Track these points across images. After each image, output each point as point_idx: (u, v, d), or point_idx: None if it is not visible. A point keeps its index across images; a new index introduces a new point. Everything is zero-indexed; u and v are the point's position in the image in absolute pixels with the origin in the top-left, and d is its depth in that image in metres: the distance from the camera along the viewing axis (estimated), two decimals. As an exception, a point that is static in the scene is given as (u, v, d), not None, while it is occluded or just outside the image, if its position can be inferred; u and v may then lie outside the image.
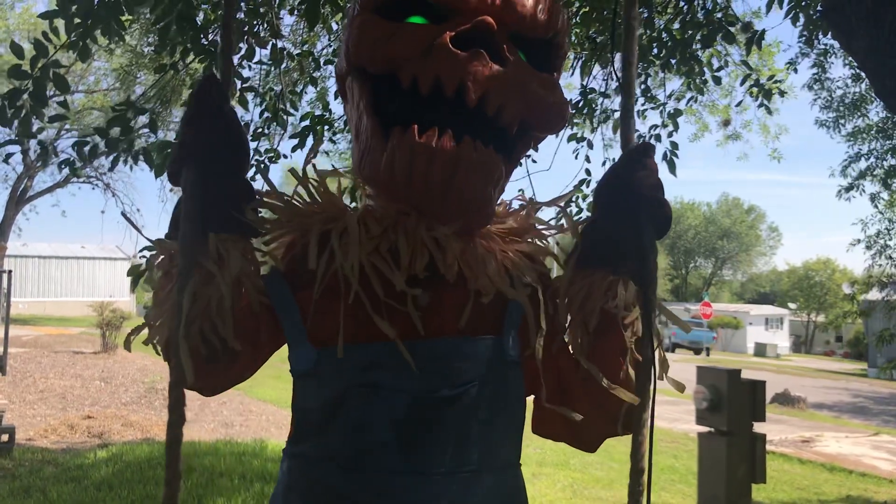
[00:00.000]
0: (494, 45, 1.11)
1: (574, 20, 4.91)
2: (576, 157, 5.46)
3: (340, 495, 1.11)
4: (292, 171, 1.26)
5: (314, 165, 1.29)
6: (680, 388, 1.16)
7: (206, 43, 3.60)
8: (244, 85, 4.02)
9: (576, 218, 1.36)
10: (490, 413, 1.14)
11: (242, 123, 4.37)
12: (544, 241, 1.32)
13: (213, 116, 1.13)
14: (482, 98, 1.09)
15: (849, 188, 12.24)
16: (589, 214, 1.25)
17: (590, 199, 4.99)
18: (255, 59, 4.18)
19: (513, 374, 1.18)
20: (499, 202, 1.30)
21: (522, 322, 1.20)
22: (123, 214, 1.40)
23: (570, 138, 5.37)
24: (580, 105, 5.32)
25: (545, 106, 1.18)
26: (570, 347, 1.19)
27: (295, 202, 1.23)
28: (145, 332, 1.18)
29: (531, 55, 1.20)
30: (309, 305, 1.15)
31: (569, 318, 1.18)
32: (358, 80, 1.19)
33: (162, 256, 1.18)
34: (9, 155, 3.69)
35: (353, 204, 1.36)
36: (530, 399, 1.25)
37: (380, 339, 1.10)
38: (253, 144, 4.39)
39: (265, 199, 1.21)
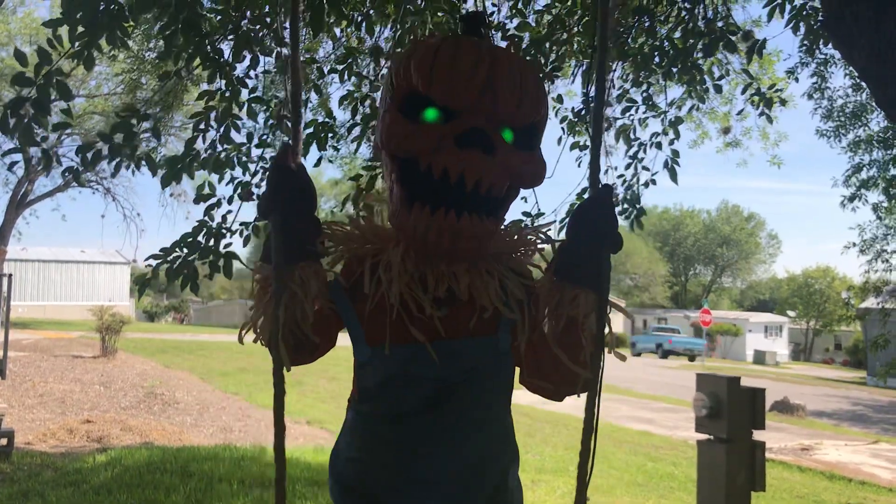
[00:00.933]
0: (486, 139, 1.56)
1: (576, 29, 4.93)
2: (578, 165, 5.48)
3: (386, 436, 1.67)
4: (353, 214, 1.77)
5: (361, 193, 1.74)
6: (621, 357, 1.75)
7: (209, 50, 3.62)
8: (252, 96, 4.03)
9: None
10: (488, 386, 1.69)
11: (247, 133, 4.43)
12: (533, 252, 1.82)
13: (290, 176, 1.54)
14: (476, 183, 1.55)
15: (852, 198, 12.27)
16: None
17: None
18: (260, 68, 4.20)
19: (505, 360, 1.71)
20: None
21: (513, 325, 1.69)
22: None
23: (572, 147, 5.39)
24: (582, 113, 5.34)
25: (526, 176, 1.69)
26: (546, 337, 1.61)
27: (348, 231, 1.74)
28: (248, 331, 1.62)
29: (518, 136, 1.64)
30: (365, 314, 1.64)
31: (546, 317, 1.62)
32: (390, 161, 1.65)
33: (259, 276, 1.61)
34: (13, 163, 3.69)
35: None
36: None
37: (413, 342, 1.60)
38: (258, 152, 4.42)
39: (328, 231, 1.71)
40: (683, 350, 35.16)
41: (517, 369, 1.78)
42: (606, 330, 1.59)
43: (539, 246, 1.83)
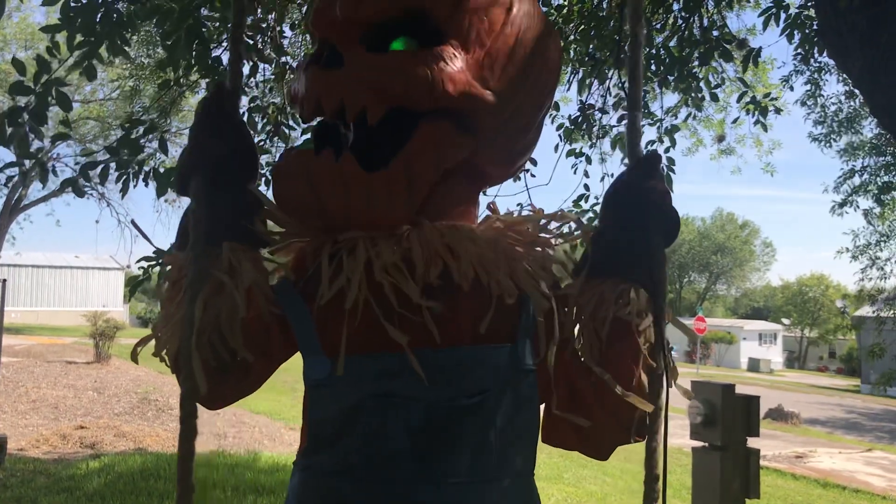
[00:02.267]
0: (335, 54, 1.15)
1: (573, 37, 4.95)
2: (574, 172, 5.48)
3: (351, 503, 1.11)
4: None
5: None
6: (688, 395, 1.22)
7: (211, 60, 3.62)
8: (251, 105, 4.03)
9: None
10: (506, 421, 1.14)
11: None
12: (554, 249, 1.31)
13: (222, 126, 1.15)
14: (339, 109, 1.12)
15: (842, 204, 12.32)
16: (595, 224, 1.27)
17: (589, 214, 5.00)
18: (259, 76, 4.20)
19: (528, 383, 1.18)
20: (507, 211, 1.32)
21: (535, 330, 1.19)
22: (133, 223, 1.39)
23: (568, 154, 5.40)
24: (579, 120, 5.35)
25: (409, 84, 1.11)
26: (581, 355, 1.19)
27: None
28: (152, 343, 1.19)
29: (424, 38, 1.17)
30: (322, 315, 1.15)
31: (579, 326, 1.19)
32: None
33: (170, 267, 1.18)
34: (10, 178, 3.68)
35: None
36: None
37: (395, 349, 1.09)
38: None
39: (273, 211, 1.21)
40: None
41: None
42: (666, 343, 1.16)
43: (564, 234, 1.30)
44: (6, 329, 14.37)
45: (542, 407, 1.25)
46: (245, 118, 4.01)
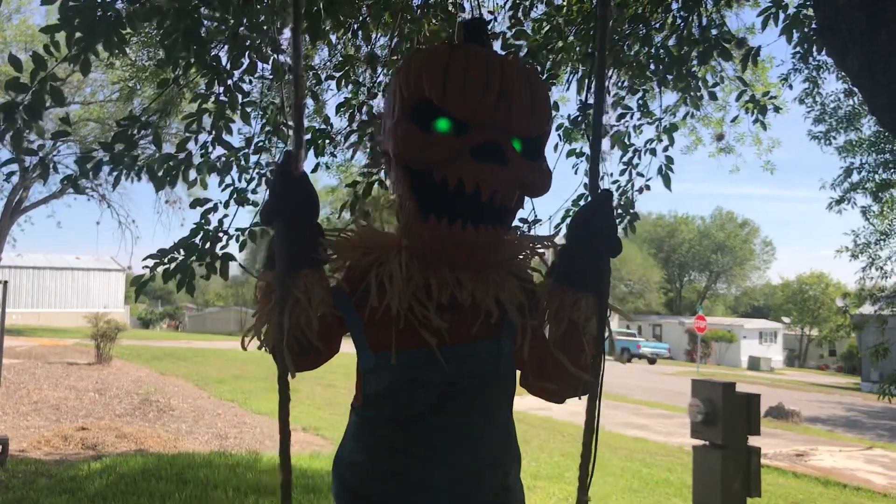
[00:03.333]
0: (501, 152, 1.59)
1: (572, 38, 4.95)
2: (575, 172, 5.48)
3: (390, 441, 1.67)
4: (358, 217, 1.75)
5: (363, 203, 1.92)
6: (624, 361, 1.79)
7: (209, 58, 3.62)
8: (245, 100, 4.04)
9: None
10: (491, 390, 1.72)
11: (244, 139, 4.43)
12: (534, 258, 1.85)
13: (292, 185, 1.59)
14: (491, 195, 1.58)
15: (839, 201, 12.32)
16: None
17: None
18: (257, 74, 4.20)
19: (508, 363, 1.74)
20: None
21: (514, 329, 1.72)
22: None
23: (568, 154, 5.40)
24: (578, 120, 5.35)
25: (534, 188, 1.70)
26: (547, 340, 1.70)
27: (349, 238, 1.74)
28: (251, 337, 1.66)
29: (526, 146, 1.67)
30: (368, 321, 1.65)
31: (546, 319, 1.71)
32: (401, 171, 1.65)
33: (262, 283, 1.63)
34: (10, 174, 3.68)
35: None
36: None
37: (418, 347, 1.63)
38: (254, 158, 4.41)
39: (330, 239, 1.70)
40: (651, 354, 37.12)
41: (518, 372, 1.81)
42: (606, 333, 1.68)
43: (540, 251, 1.86)
44: (7, 331, 14.36)
45: (519, 375, 1.81)
46: (240, 114, 4.04)
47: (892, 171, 11.39)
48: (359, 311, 1.68)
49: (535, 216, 4.90)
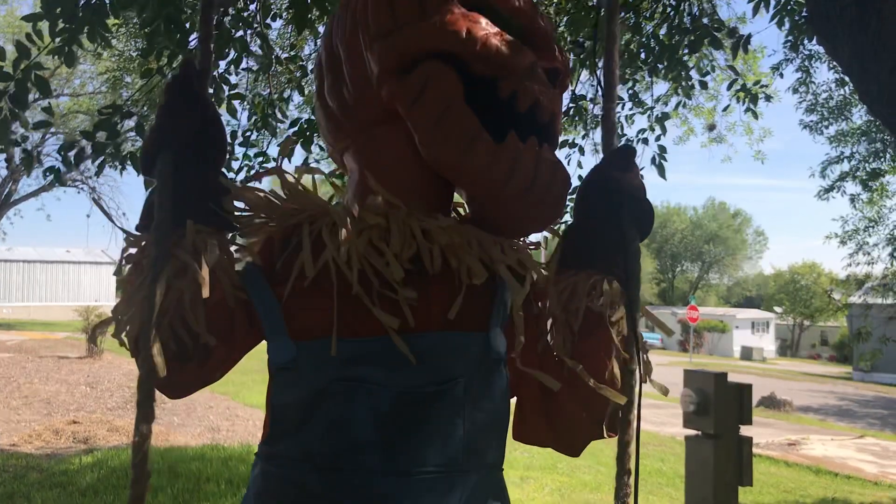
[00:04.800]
0: (559, 82, 1.23)
1: (561, 26, 4.92)
2: (568, 163, 5.48)
3: (316, 496, 1.07)
4: (273, 169, 1.23)
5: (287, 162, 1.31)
6: (664, 391, 1.16)
7: (192, 48, 3.58)
8: (232, 92, 4.00)
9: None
10: (475, 410, 1.11)
11: (231, 131, 4.38)
12: (528, 245, 1.33)
13: (189, 104, 1.11)
14: (551, 124, 1.19)
15: (829, 189, 12.34)
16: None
17: None
18: (242, 66, 4.17)
19: (498, 371, 1.16)
20: None
21: (509, 319, 1.17)
22: (95, 201, 1.34)
23: (561, 145, 5.39)
24: (570, 111, 5.34)
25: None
26: (553, 349, 1.19)
27: (273, 199, 1.19)
28: (112, 326, 1.14)
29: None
30: (288, 299, 1.12)
31: (551, 318, 1.19)
32: (445, 70, 1.13)
33: (132, 248, 1.14)
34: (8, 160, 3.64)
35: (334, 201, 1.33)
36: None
37: (364, 335, 1.08)
38: (241, 151, 4.37)
39: (243, 194, 1.18)
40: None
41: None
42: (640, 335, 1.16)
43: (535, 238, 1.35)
44: (-3, 325, 14.31)
45: (514, 403, 1.23)
46: (225, 105, 3.98)
47: (883, 160, 11.41)
48: (275, 288, 1.13)
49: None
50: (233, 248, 1.17)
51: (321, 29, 4.80)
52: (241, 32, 4.00)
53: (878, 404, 19.61)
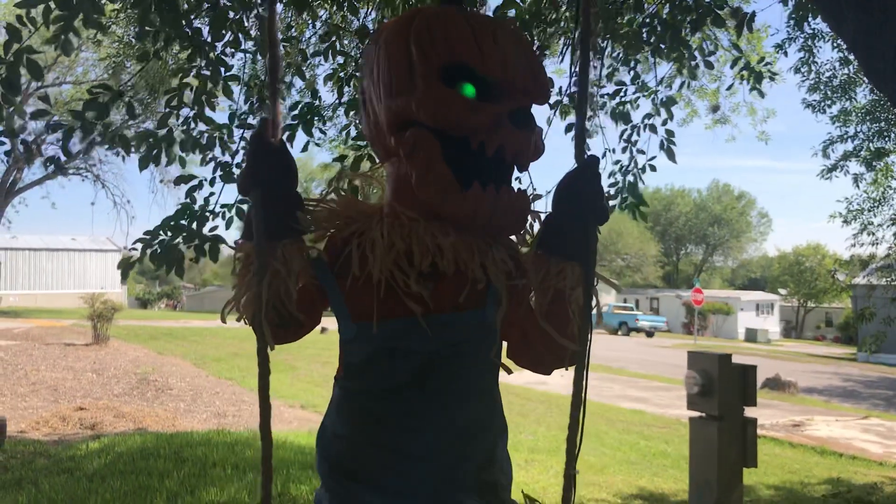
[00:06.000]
0: (530, 117, 1.61)
1: (564, 7, 4.89)
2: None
3: (374, 412, 1.63)
4: (334, 180, 1.78)
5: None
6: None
7: (189, 31, 3.56)
8: (228, 74, 3.98)
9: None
10: (476, 359, 1.65)
11: (229, 113, 4.37)
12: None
13: (269, 152, 1.55)
14: (516, 160, 1.59)
15: (831, 169, 12.26)
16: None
17: None
18: (241, 47, 4.13)
19: (492, 333, 1.67)
20: None
21: (498, 298, 1.66)
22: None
23: (567, 129, 5.34)
24: (573, 94, 5.30)
25: (539, 153, 1.66)
26: (534, 310, 1.64)
27: (330, 208, 1.68)
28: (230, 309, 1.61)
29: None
30: (349, 290, 1.60)
31: (532, 289, 1.65)
32: (428, 135, 1.55)
33: (240, 254, 1.59)
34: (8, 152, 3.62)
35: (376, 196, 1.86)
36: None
37: (397, 316, 1.59)
38: (239, 132, 4.35)
39: (310, 206, 1.65)
40: (649, 327, 37.52)
41: (504, 344, 1.77)
42: (594, 303, 1.62)
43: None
44: (4, 313, 14.35)
45: (506, 346, 1.77)
46: (221, 88, 3.97)
47: (887, 139, 11.33)
48: (339, 281, 1.64)
49: (535, 190, 4.82)
50: (308, 248, 1.63)
51: (324, 14, 4.78)
52: (238, 15, 3.98)
53: (883, 385, 19.63)
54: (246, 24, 3.98)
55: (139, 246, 3.82)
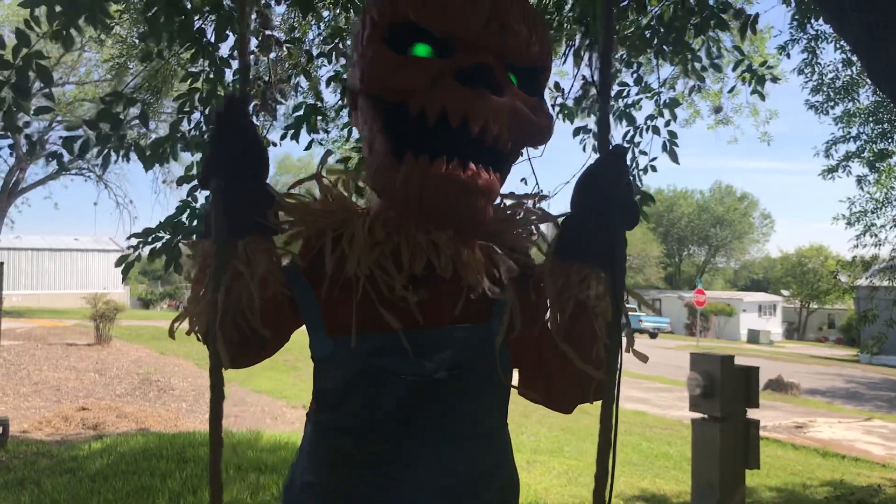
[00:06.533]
0: (493, 78, 1.28)
1: (569, 7, 4.89)
2: (584, 150, 5.42)
3: (352, 456, 1.34)
4: (318, 175, 1.47)
5: (323, 166, 1.49)
6: (643, 358, 1.36)
7: (195, 30, 3.56)
8: (235, 77, 3.98)
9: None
10: (481, 387, 1.36)
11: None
12: (530, 232, 1.50)
13: (235, 134, 1.29)
14: (482, 129, 1.26)
15: (833, 169, 12.25)
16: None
17: None
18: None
19: (500, 356, 1.36)
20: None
21: (510, 309, 1.36)
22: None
23: (575, 132, 5.34)
24: (580, 97, 5.30)
25: (534, 129, 1.37)
26: (550, 329, 1.35)
27: (307, 202, 1.42)
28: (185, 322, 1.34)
29: (522, 79, 1.38)
30: (326, 299, 1.33)
31: (549, 302, 1.35)
32: (370, 104, 1.35)
33: (198, 255, 1.35)
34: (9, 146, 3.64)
35: (361, 201, 1.56)
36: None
37: (386, 330, 1.29)
38: None
39: (283, 203, 1.38)
40: (652, 329, 37.24)
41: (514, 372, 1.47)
42: (623, 320, 1.30)
43: (538, 222, 1.50)
44: (6, 313, 14.38)
45: (517, 372, 1.46)
46: (232, 90, 3.97)
47: (890, 140, 11.32)
48: (315, 288, 1.36)
49: (540, 191, 4.81)
50: (279, 251, 1.38)
51: (325, 13, 4.78)
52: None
53: (886, 387, 19.59)
54: (252, 25, 3.98)
55: (134, 242, 3.83)
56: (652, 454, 8.32)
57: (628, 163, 1.42)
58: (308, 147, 5.20)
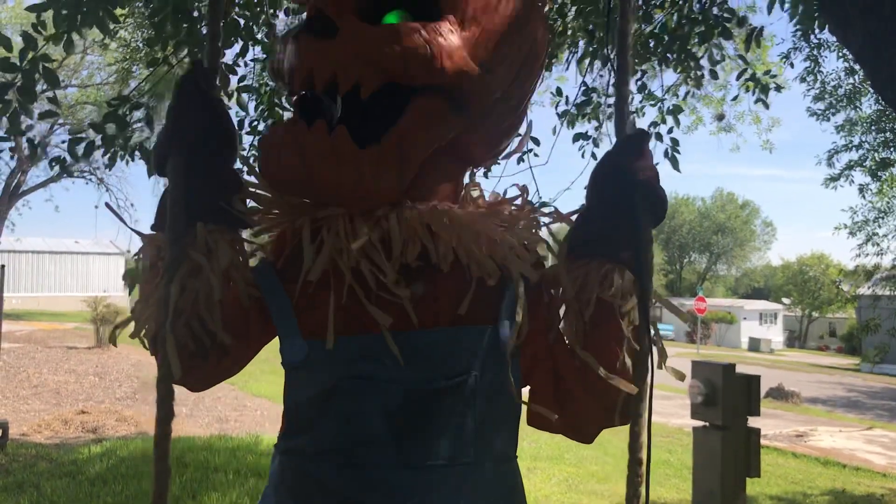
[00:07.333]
0: (326, 21, 1.08)
1: (571, 15, 4.89)
2: (582, 156, 5.41)
3: (331, 491, 1.09)
4: None
5: None
6: (680, 376, 1.19)
7: (202, 37, 3.57)
8: (241, 84, 3.99)
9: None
10: (487, 403, 1.12)
11: (237, 120, 4.37)
12: (537, 230, 1.29)
13: (199, 105, 1.12)
14: (331, 82, 1.05)
15: (835, 178, 12.25)
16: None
17: None
18: (249, 56, 4.15)
19: (507, 365, 1.14)
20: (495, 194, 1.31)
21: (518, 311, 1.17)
22: (107, 205, 1.33)
23: (574, 138, 5.33)
24: (582, 103, 5.30)
25: (394, 57, 1.05)
26: (565, 338, 1.17)
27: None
28: (131, 326, 1.16)
29: (418, 10, 1.14)
30: (299, 297, 1.13)
31: (564, 307, 1.17)
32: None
33: (149, 249, 1.16)
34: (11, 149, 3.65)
35: None
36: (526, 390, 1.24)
37: (373, 330, 1.08)
38: (249, 139, 4.36)
39: (253, 190, 1.19)
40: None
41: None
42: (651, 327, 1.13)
43: (545, 223, 1.29)
44: (6, 315, 14.37)
45: (528, 391, 1.23)
46: (235, 98, 3.97)
47: (893, 149, 11.32)
48: (287, 286, 1.14)
49: (539, 198, 4.77)
50: (246, 245, 1.19)
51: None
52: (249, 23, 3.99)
53: (887, 396, 19.54)
54: (256, 31, 3.99)
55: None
56: (653, 462, 8.20)
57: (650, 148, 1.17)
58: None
